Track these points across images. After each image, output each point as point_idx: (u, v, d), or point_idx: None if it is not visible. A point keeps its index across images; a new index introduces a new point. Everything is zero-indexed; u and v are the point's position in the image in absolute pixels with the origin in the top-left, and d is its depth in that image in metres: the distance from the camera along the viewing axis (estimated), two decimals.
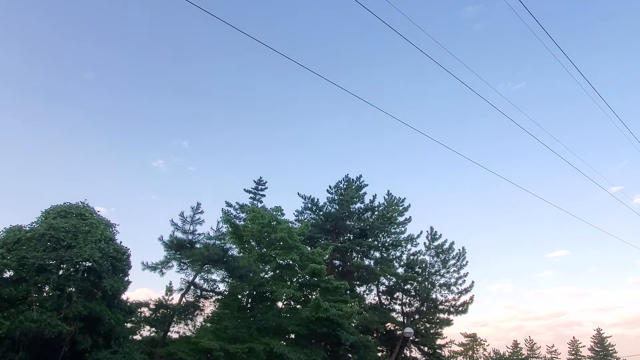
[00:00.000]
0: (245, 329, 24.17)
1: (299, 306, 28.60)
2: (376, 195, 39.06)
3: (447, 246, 38.88)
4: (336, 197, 38.69)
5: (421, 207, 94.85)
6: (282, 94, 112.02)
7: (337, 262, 36.68)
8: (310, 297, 27.81)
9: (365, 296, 37.33)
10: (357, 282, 37.37)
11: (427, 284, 37.14)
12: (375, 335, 35.42)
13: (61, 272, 17.40)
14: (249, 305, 27.48)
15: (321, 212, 37.88)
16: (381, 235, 38.25)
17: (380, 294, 38.60)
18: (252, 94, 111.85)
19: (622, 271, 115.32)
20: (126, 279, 19.53)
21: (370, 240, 36.88)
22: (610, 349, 73.49)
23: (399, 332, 35.85)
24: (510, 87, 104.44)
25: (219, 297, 26.74)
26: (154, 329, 24.29)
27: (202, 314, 26.39)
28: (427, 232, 39.86)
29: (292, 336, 27.06)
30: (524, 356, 73.12)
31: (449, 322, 37.44)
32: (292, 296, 26.67)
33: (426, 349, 37.89)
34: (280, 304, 28.85)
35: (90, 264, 17.13)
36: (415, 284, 37.14)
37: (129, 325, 22.59)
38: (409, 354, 36.63)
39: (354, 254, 37.07)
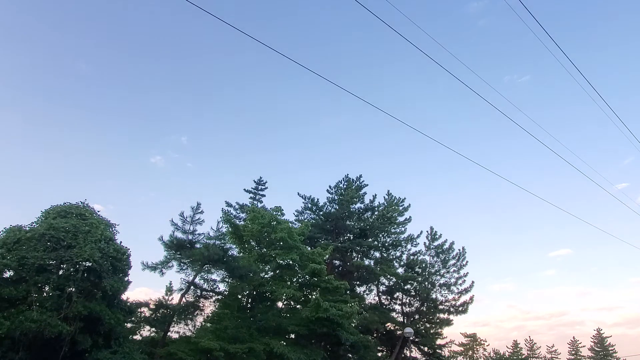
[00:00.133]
0: (245, 329, 24.17)
1: (299, 306, 28.60)
2: (376, 195, 39.16)
3: (447, 246, 38.92)
4: (336, 197, 38.70)
5: (421, 207, 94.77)
6: (282, 93, 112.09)
7: (337, 262, 36.68)
8: (310, 297, 27.81)
9: (365, 296, 37.40)
10: (357, 282, 37.37)
11: (427, 284, 37.15)
12: (375, 335, 35.42)
13: (61, 272, 17.41)
14: (249, 305, 27.49)
15: (321, 212, 37.90)
16: (381, 235, 38.26)
17: (380, 294, 38.64)
18: (252, 93, 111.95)
19: (624, 270, 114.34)
20: (126, 279, 19.56)
21: (370, 240, 36.89)
22: (610, 349, 73.48)
23: (399, 332, 35.86)
24: (515, 80, 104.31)
25: (219, 297, 26.75)
26: (154, 329, 24.28)
27: (202, 314, 26.43)
28: (427, 232, 39.95)
29: (292, 336, 27.06)
30: (524, 356, 73.11)
31: (449, 322, 37.48)
32: (292, 296, 26.68)
33: (426, 349, 37.91)
34: (280, 304, 28.86)
35: (90, 264, 17.15)
36: (415, 284, 37.15)
37: (129, 325, 22.59)
38: (409, 354, 36.63)
39: (354, 254, 37.07)
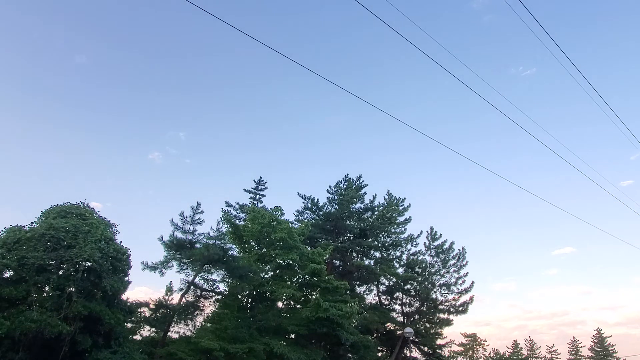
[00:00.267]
0: (245, 329, 24.17)
1: (299, 306, 28.60)
2: (376, 195, 39.18)
3: (447, 246, 38.93)
4: (336, 197, 38.70)
5: (421, 207, 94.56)
6: (282, 92, 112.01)
7: (337, 262, 36.69)
8: (310, 297, 27.83)
9: (365, 296, 37.42)
10: (357, 282, 37.38)
11: (427, 284, 37.16)
12: (375, 335, 35.44)
13: (61, 272, 17.42)
14: (249, 305, 27.49)
15: (321, 212, 37.90)
16: (381, 235, 38.28)
17: (380, 294, 38.65)
18: (251, 92, 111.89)
19: (627, 269, 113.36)
20: (126, 279, 19.57)
21: (370, 240, 36.90)
22: (610, 349, 73.47)
23: (399, 332, 35.87)
24: (521, 73, 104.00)
25: (219, 297, 26.74)
26: (154, 329, 24.26)
27: (202, 314, 26.39)
28: (427, 232, 39.97)
29: (292, 336, 27.07)
30: (524, 356, 73.11)
31: (449, 322, 37.50)
32: (292, 296, 26.69)
33: (426, 349, 37.93)
34: (280, 304, 28.87)
35: (90, 264, 17.15)
36: (415, 284, 37.17)
37: (129, 325, 22.57)
38: (409, 354, 36.64)
39: (354, 254, 37.08)
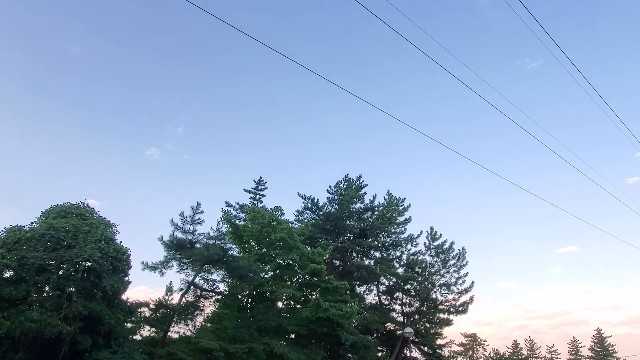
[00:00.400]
0: (245, 329, 24.17)
1: (299, 306, 28.60)
2: (376, 195, 39.18)
3: (447, 246, 38.93)
4: (336, 197, 38.70)
5: (421, 207, 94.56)
6: (282, 92, 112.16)
7: (337, 262, 36.69)
8: (310, 297, 27.83)
9: (365, 296, 37.41)
10: (357, 282, 37.38)
11: (427, 284, 37.16)
12: (375, 335, 35.44)
13: (61, 272, 17.42)
14: (249, 305, 27.49)
15: (321, 212, 37.90)
16: (381, 235, 38.28)
17: (380, 294, 38.65)
18: (251, 91, 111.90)
19: (630, 268, 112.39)
20: (126, 279, 19.57)
21: (370, 240, 36.90)
22: (610, 349, 73.45)
23: (399, 332, 35.87)
24: (527, 65, 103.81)
25: (219, 297, 26.74)
26: (154, 329, 24.26)
27: (202, 314, 26.39)
28: (427, 232, 39.97)
29: (292, 336, 27.07)
30: (524, 356, 73.09)
31: (449, 322, 37.51)
32: (292, 296, 26.69)
33: (426, 349, 37.93)
34: (280, 304, 28.87)
35: (90, 264, 17.15)
36: (415, 284, 37.17)
37: (129, 325, 22.57)
38: (409, 354, 36.64)
39: (354, 254, 37.08)
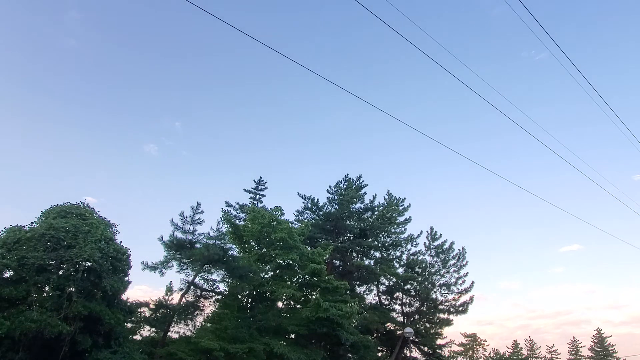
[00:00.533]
0: (245, 329, 24.17)
1: (299, 306, 28.61)
2: (376, 195, 39.20)
3: (447, 246, 38.94)
4: (336, 197, 38.71)
5: (421, 207, 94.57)
6: (282, 92, 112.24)
7: (337, 262, 36.69)
8: (310, 297, 27.83)
9: (365, 296, 37.42)
10: (357, 282, 37.38)
11: (427, 284, 37.16)
12: (375, 335, 35.44)
13: (61, 272, 17.42)
14: (249, 305, 27.49)
15: (321, 212, 37.91)
16: (381, 235, 38.28)
17: (380, 294, 38.65)
18: (251, 91, 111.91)
19: (634, 267, 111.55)
20: (126, 279, 19.56)
21: (370, 240, 36.90)
22: (610, 349, 73.45)
23: (399, 332, 35.87)
24: (533, 57, 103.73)
25: (219, 297, 26.74)
26: (154, 329, 24.26)
27: (202, 314, 26.38)
28: (427, 232, 39.98)
29: (292, 336, 27.07)
30: (524, 356, 73.10)
31: (449, 322, 37.51)
32: (292, 296, 26.69)
33: (426, 349, 37.93)
34: (280, 304, 28.87)
35: (90, 264, 17.15)
36: (415, 284, 37.17)
37: (129, 325, 22.57)
38: (409, 354, 36.64)
39: (354, 254, 37.08)
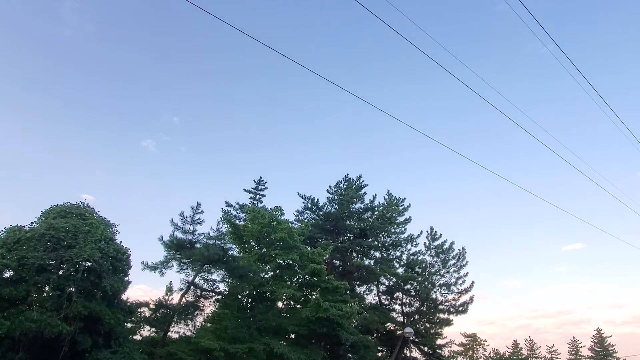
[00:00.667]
0: (245, 329, 24.17)
1: (299, 306, 28.61)
2: (376, 195, 39.19)
3: (447, 246, 38.94)
4: (336, 197, 38.71)
5: (421, 207, 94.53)
6: (282, 92, 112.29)
7: (337, 262, 36.70)
8: (310, 297, 27.83)
9: (365, 296, 37.43)
10: (357, 282, 37.39)
11: (427, 284, 37.16)
12: (375, 335, 35.44)
13: (61, 272, 17.42)
14: (249, 305, 27.49)
15: (321, 212, 37.91)
16: (381, 235, 38.29)
17: (380, 294, 38.65)
18: (251, 90, 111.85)
19: (636, 265, 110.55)
20: (126, 279, 19.57)
21: (370, 240, 36.90)
22: (610, 349, 73.45)
23: (399, 332, 35.88)
24: (539, 49, 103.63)
25: (219, 297, 26.74)
26: (154, 329, 24.25)
27: (202, 314, 26.39)
28: (427, 232, 39.98)
29: (292, 336, 27.07)
30: (524, 356, 73.09)
31: (449, 322, 37.52)
32: (292, 296, 26.68)
33: (426, 349, 37.93)
34: (280, 304, 28.87)
35: (90, 264, 17.15)
36: (415, 284, 37.18)
37: (129, 325, 22.57)
38: (409, 354, 36.65)
39: (354, 254, 37.08)
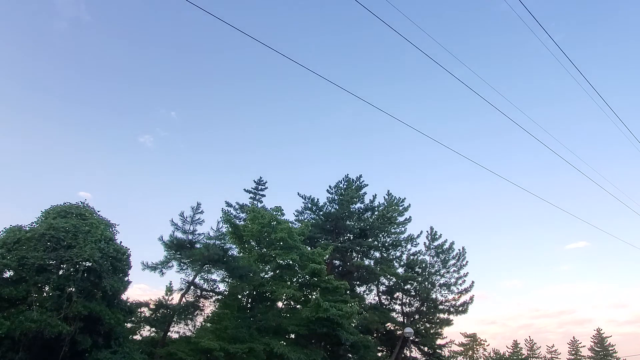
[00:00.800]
0: (245, 329, 24.17)
1: (299, 306, 28.61)
2: (376, 195, 39.21)
3: (447, 246, 38.94)
4: (336, 197, 38.72)
5: (421, 207, 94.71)
6: (282, 91, 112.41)
7: (337, 262, 36.70)
8: (310, 297, 27.83)
9: (365, 296, 37.44)
10: (357, 282, 37.39)
11: (427, 284, 37.16)
12: (375, 335, 35.44)
13: (61, 272, 17.41)
14: (249, 305, 27.49)
15: (321, 212, 37.91)
16: (381, 235, 38.29)
17: (380, 294, 38.65)
18: (251, 90, 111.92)
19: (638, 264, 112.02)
20: (126, 279, 19.56)
21: (370, 240, 36.90)
22: (610, 348, 73.46)
23: (399, 332, 35.88)
24: (539, 49, 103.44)
25: (219, 297, 26.73)
26: (154, 329, 24.25)
27: (202, 314, 26.37)
28: (427, 232, 39.99)
29: (292, 336, 27.07)
30: (524, 356, 73.10)
31: (449, 322, 37.52)
32: (292, 296, 26.68)
33: (426, 349, 37.94)
34: (280, 304, 28.87)
35: (90, 264, 17.14)
36: (415, 284, 37.18)
37: (129, 325, 22.57)
38: (409, 354, 36.65)
39: (354, 254, 37.09)
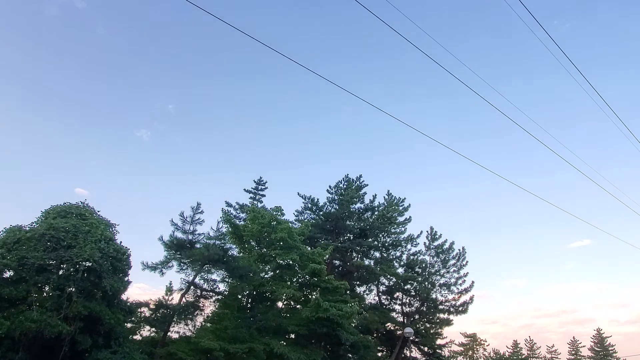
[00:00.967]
0: (245, 329, 24.18)
1: (299, 306, 28.61)
2: (376, 195, 39.22)
3: (447, 246, 38.95)
4: (336, 197, 38.72)
5: (421, 207, 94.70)
6: (282, 91, 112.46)
7: (337, 262, 36.70)
8: (310, 297, 27.84)
9: (365, 296, 37.45)
10: (357, 282, 37.40)
11: (427, 284, 37.16)
12: (375, 335, 35.45)
13: (61, 272, 17.42)
14: (249, 305, 27.49)
15: (321, 212, 37.92)
16: (381, 235, 38.29)
17: (380, 294, 38.66)
18: (251, 90, 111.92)
19: None
20: (126, 279, 19.57)
21: (370, 240, 36.91)
22: (610, 348, 73.44)
23: (399, 332, 35.88)
24: (557, 27, 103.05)
25: (219, 297, 26.74)
26: (154, 329, 24.25)
27: (202, 314, 26.38)
28: (427, 232, 40.00)
29: (292, 336, 27.07)
30: (524, 356, 73.09)
31: (449, 322, 37.53)
32: (292, 296, 26.69)
33: (426, 349, 37.94)
34: (280, 304, 28.88)
35: (90, 264, 17.15)
36: (415, 284, 37.18)
37: (129, 325, 22.57)
38: (409, 354, 36.65)
39: (354, 254, 37.09)
